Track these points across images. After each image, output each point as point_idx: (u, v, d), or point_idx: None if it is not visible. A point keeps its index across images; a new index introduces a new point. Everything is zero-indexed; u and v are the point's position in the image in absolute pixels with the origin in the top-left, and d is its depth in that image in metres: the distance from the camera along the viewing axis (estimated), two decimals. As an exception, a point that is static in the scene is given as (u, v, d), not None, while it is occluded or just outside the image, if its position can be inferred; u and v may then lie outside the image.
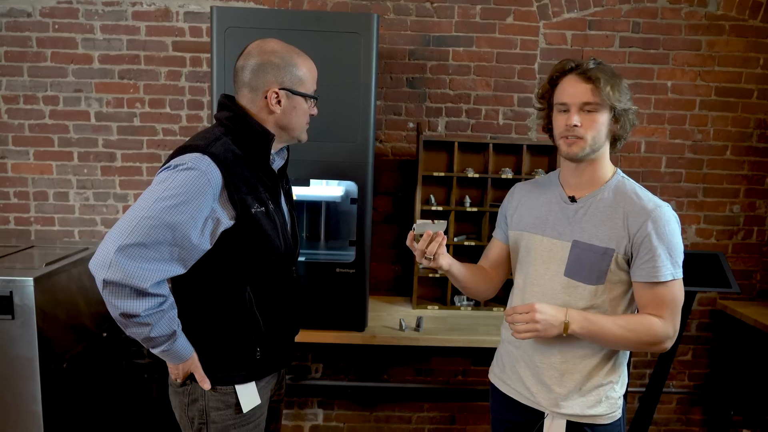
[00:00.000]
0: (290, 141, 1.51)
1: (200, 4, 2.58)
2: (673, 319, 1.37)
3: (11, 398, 2.05)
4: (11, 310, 2.00)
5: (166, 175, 1.27)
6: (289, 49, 1.44)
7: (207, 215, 1.29)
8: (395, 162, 2.73)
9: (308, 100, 1.46)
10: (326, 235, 2.51)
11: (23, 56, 2.58)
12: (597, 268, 1.38)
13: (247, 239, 1.36)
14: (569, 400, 1.43)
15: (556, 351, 1.43)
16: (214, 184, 1.28)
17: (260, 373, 1.47)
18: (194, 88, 2.63)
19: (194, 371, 1.41)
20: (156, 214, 1.22)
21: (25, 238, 2.70)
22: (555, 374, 1.43)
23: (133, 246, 1.20)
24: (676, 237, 1.35)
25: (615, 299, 1.40)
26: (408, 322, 2.28)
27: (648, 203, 1.36)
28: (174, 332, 1.32)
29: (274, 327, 1.48)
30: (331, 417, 2.90)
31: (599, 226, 1.39)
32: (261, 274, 1.43)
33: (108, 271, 1.19)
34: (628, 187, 1.41)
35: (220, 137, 1.36)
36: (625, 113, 1.37)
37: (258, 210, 1.37)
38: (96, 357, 2.45)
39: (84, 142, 2.65)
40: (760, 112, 2.74)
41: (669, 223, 1.35)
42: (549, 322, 1.33)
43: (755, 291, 2.87)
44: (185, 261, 1.29)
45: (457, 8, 2.62)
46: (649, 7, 2.64)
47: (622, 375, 1.47)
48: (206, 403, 1.42)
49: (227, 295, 1.40)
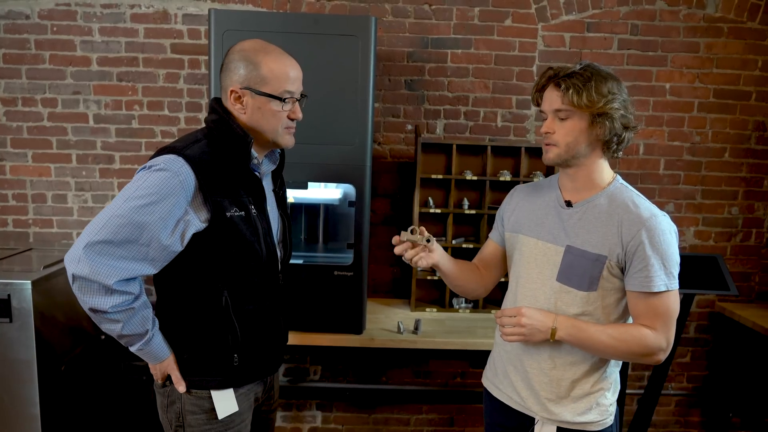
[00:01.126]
0: (270, 145, 1.45)
1: (198, 6, 2.58)
2: (667, 332, 1.33)
3: (9, 401, 2.05)
4: (9, 313, 2.00)
5: (140, 176, 1.28)
6: (260, 47, 1.38)
7: (179, 217, 1.29)
8: (393, 164, 2.73)
9: (272, 100, 1.37)
10: (324, 237, 2.51)
11: (21, 58, 2.58)
12: (589, 274, 1.36)
13: (221, 243, 1.35)
14: (559, 406, 1.41)
15: (546, 356, 1.42)
16: (186, 186, 1.28)
17: (238, 381, 1.45)
18: (192, 90, 2.63)
19: (170, 372, 1.41)
20: (125, 213, 1.23)
21: (23, 241, 2.70)
22: (544, 380, 1.42)
23: (101, 243, 1.22)
24: (671, 248, 1.32)
25: (608, 307, 1.38)
26: (406, 324, 2.28)
27: (644, 212, 1.33)
28: (147, 331, 1.33)
29: (254, 334, 1.45)
30: (330, 419, 2.90)
31: (593, 232, 1.37)
32: (239, 279, 1.41)
33: (77, 266, 1.21)
34: (625, 195, 1.38)
35: (200, 140, 1.36)
36: (605, 117, 1.31)
37: (235, 214, 1.35)
38: (94, 359, 2.45)
39: (82, 144, 2.66)
40: (759, 114, 2.74)
41: (664, 234, 1.31)
42: (535, 327, 1.34)
43: (754, 293, 2.87)
44: (155, 261, 1.29)
45: (455, 10, 2.62)
46: (647, 9, 2.64)
47: (614, 382, 1.45)
48: (183, 406, 1.42)
49: (204, 298, 1.39)
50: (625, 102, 1.34)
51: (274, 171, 1.56)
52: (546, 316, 1.36)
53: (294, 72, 1.41)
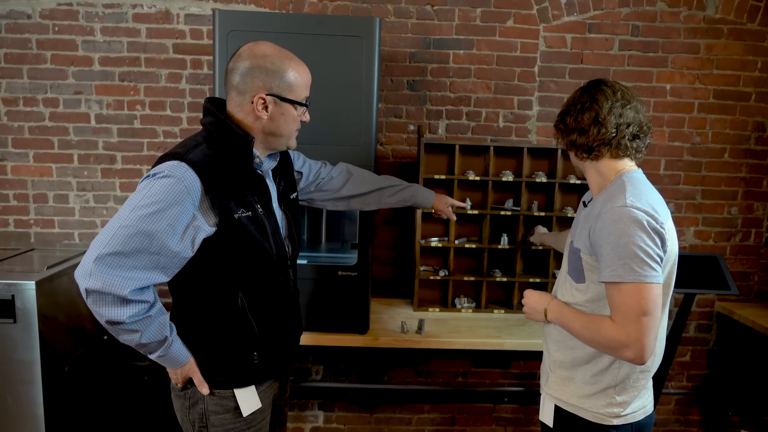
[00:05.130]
0: (278, 147, 1.48)
1: (201, 6, 2.58)
2: (626, 326, 1.27)
3: (12, 401, 2.05)
4: (13, 314, 2.00)
5: (144, 184, 1.28)
6: (281, 53, 1.40)
7: (188, 222, 1.28)
8: (395, 164, 2.74)
9: (297, 107, 1.42)
10: (327, 237, 2.51)
11: (23, 58, 2.57)
12: (574, 266, 1.46)
13: (232, 245, 1.35)
14: (559, 386, 1.50)
15: (553, 338, 1.53)
16: (192, 191, 1.28)
17: (260, 378, 1.48)
18: (195, 90, 2.63)
19: (192, 375, 1.41)
20: (132, 223, 1.22)
21: (24, 241, 2.69)
22: (549, 359, 1.55)
23: (111, 255, 1.21)
24: (627, 237, 1.26)
25: (594, 301, 1.41)
26: (409, 324, 2.29)
27: (615, 202, 1.32)
28: (166, 338, 1.33)
29: (271, 331, 1.48)
30: (332, 419, 2.90)
31: (582, 227, 1.45)
32: (253, 278, 1.42)
33: (89, 281, 1.20)
34: (615, 189, 1.38)
35: (201, 143, 1.36)
36: (557, 131, 1.52)
37: (243, 215, 1.35)
38: (97, 360, 2.45)
39: (84, 144, 2.65)
40: (758, 115, 2.76)
41: (619, 222, 1.28)
42: (532, 307, 1.55)
43: (753, 293, 2.89)
44: (166, 269, 1.29)
45: (457, 11, 2.63)
46: (648, 10, 2.66)
47: (625, 383, 1.41)
48: (206, 406, 1.43)
49: (220, 301, 1.40)
50: (564, 113, 1.48)
51: (273, 168, 1.56)
52: (543, 298, 1.53)
53: (309, 77, 1.45)
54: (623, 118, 1.40)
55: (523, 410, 2.96)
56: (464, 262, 2.69)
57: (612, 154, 1.43)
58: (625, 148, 1.42)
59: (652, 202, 1.33)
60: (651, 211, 1.30)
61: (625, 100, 1.41)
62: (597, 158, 1.44)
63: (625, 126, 1.40)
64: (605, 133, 1.40)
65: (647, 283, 1.26)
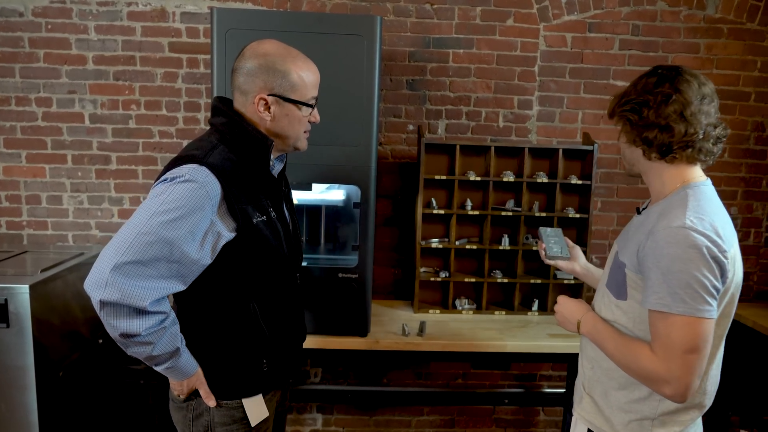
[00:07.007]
0: (286, 149, 1.43)
1: (197, 4, 2.54)
2: (669, 361, 1.13)
3: (6, 408, 2.00)
4: (6, 318, 1.95)
5: (162, 188, 1.21)
6: (285, 51, 1.35)
7: (206, 229, 1.23)
8: (395, 164, 2.71)
9: (302, 107, 1.36)
10: (327, 239, 2.48)
11: (15, 57, 2.52)
12: (616, 281, 1.30)
13: (250, 250, 1.31)
14: (591, 408, 1.38)
15: (588, 354, 1.40)
16: (213, 196, 1.23)
17: (268, 386, 1.44)
18: (191, 89, 2.59)
19: (199, 387, 1.36)
20: (152, 230, 1.16)
21: (17, 243, 2.64)
22: (583, 376, 1.43)
23: (130, 264, 1.14)
24: (681, 264, 1.11)
25: (637, 320, 1.26)
26: (410, 326, 2.26)
27: (672, 220, 1.15)
28: (177, 349, 1.27)
29: (281, 337, 1.44)
30: (331, 422, 2.87)
31: (631, 239, 1.28)
32: (265, 283, 1.38)
33: (104, 291, 1.13)
34: (674, 202, 1.21)
35: (217, 145, 1.31)
36: (621, 122, 1.28)
37: (259, 219, 1.32)
38: (92, 364, 2.40)
39: (78, 144, 2.60)
40: (758, 114, 2.76)
41: (676, 246, 1.12)
42: (564, 316, 1.42)
43: (752, 293, 2.89)
44: (185, 277, 1.24)
45: (457, 10, 2.61)
46: (648, 9, 2.65)
47: (665, 415, 1.27)
48: (212, 418, 1.38)
49: (232, 309, 1.35)
50: (639, 103, 1.22)
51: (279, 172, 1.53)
52: (578, 308, 1.39)
53: (317, 76, 1.40)
54: (710, 117, 1.20)
55: (523, 412, 2.94)
56: (465, 263, 2.67)
57: (688, 159, 1.22)
58: (707, 152, 1.22)
59: (715, 224, 1.15)
60: (713, 235, 1.13)
61: (711, 96, 1.21)
62: (672, 161, 1.23)
63: (712, 127, 1.20)
64: (693, 134, 1.18)
65: (698, 317, 1.11)
